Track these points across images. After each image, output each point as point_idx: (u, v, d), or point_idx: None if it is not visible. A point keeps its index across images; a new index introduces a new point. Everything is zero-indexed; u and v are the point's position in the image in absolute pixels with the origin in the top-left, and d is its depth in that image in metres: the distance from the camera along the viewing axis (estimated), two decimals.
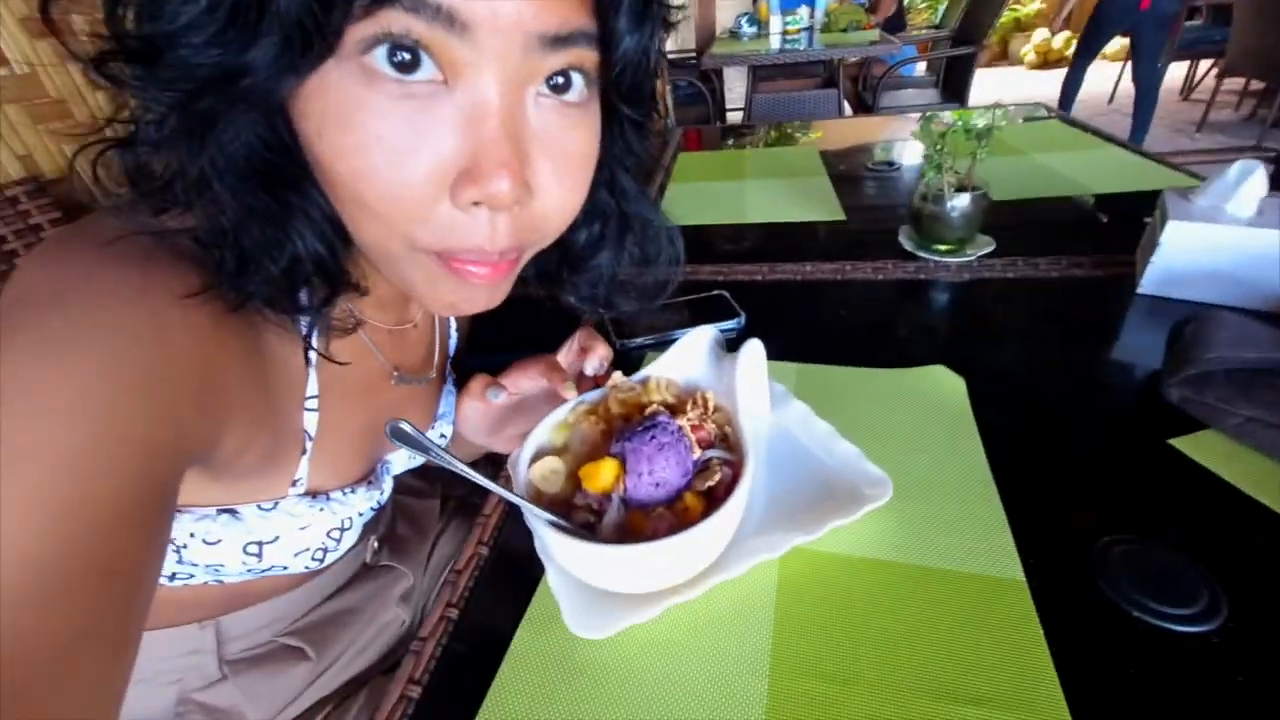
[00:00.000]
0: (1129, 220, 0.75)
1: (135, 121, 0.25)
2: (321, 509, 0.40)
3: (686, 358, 0.47)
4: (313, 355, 0.36)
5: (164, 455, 0.25)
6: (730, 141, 1.46)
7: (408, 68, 0.24)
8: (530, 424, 0.47)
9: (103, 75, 0.24)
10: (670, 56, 3.59)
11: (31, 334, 0.23)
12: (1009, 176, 0.96)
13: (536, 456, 0.40)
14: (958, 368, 0.55)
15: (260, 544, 0.38)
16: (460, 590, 0.41)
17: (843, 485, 0.42)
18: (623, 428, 0.40)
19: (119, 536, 0.23)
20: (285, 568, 0.41)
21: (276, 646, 0.45)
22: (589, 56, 0.28)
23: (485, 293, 0.32)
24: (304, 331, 0.33)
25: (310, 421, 0.38)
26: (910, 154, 1.20)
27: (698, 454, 0.38)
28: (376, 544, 0.53)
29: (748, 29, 3.29)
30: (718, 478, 0.36)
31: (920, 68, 3.45)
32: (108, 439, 0.23)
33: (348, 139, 0.25)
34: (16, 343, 0.23)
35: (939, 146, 0.73)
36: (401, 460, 0.50)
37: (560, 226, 0.32)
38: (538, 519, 0.35)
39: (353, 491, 0.43)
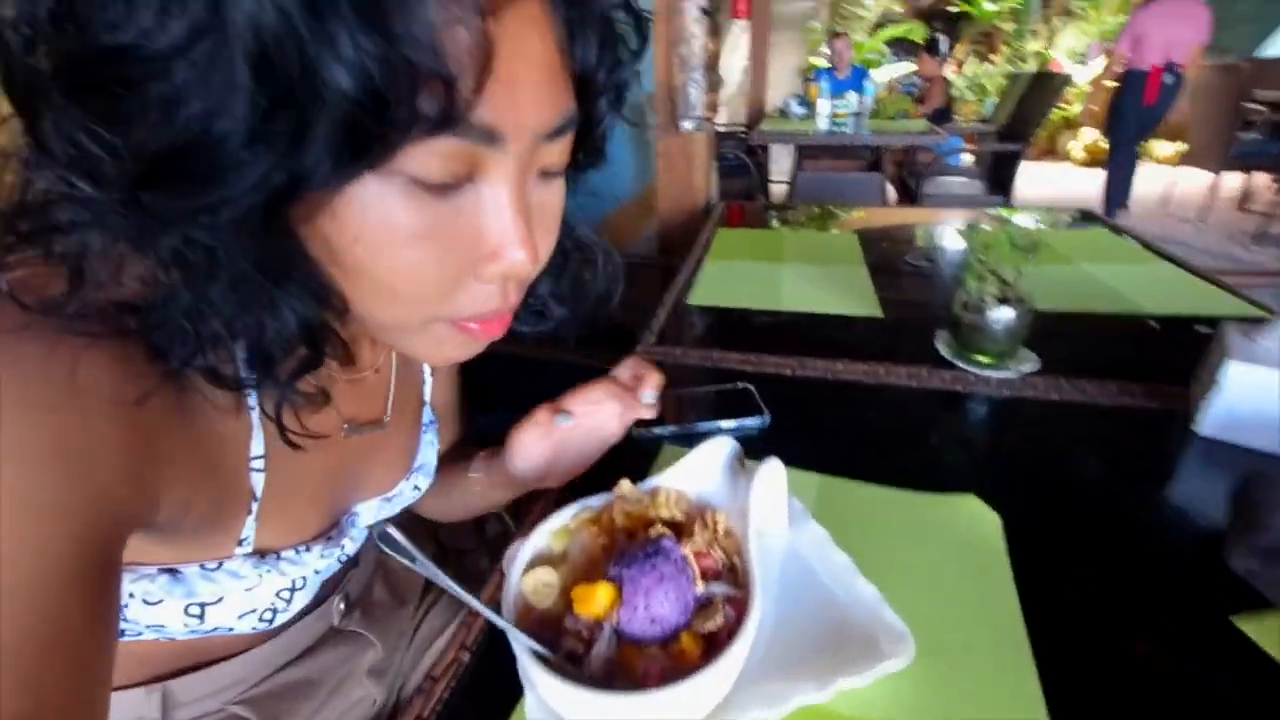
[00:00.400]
0: (1183, 347, 0.71)
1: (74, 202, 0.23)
2: (269, 570, 0.38)
3: (701, 469, 0.44)
4: (258, 409, 0.34)
5: (95, 524, 0.25)
6: (772, 214, 1.47)
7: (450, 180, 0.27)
8: (586, 453, 0.52)
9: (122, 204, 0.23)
10: (719, 129, 3.71)
11: None
12: (1055, 286, 0.93)
13: (532, 564, 0.38)
14: (993, 498, 0.51)
15: (203, 605, 0.36)
16: (433, 702, 0.38)
17: (858, 633, 0.38)
18: (624, 546, 0.37)
19: (59, 608, 0.23)
20: (231, 629, 0.38)
21: (226, 717, 0.42)
22: (571, 135, 0.31)
23: (484, 342, 0.35)
24: (270, 411, 0.32)
25: (257, 481, 0.36)
26: (952, 249, 1.19)
27: (700, 588, 0.35)
28: (343, 605, 0.50)
29: (797, 109, 3.40)
30: (719, 621, 0.33)
31: (966, 158, 3.49)
32: (29, 514, 0.23)
33: (390, 241, 0.27)
34: None
35: (981, 257, 0.71)
36: (371, 511, 0.47)
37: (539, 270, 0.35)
38: (520, 646, 0.32)
39: (307, 549, 0.40)
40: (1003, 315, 0.69)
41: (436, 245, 0.28)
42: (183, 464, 0.30)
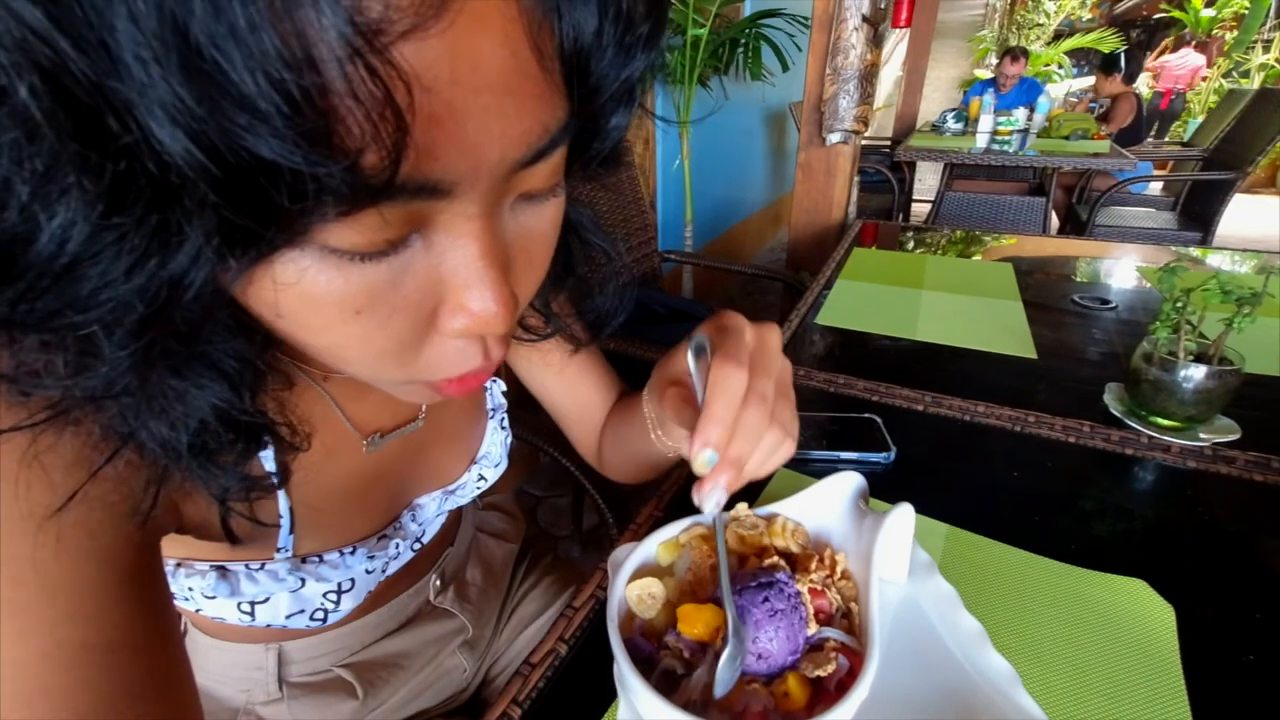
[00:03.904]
0: None
1: None
2: (309, 575, 0.37)
3: (823, 502, 0.42)
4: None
5: (108, 532, 0.25)
6: (910, 234, 1.38)
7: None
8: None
9: None
10: (863, 143, 3.53)
11: None
12: (1269, 345, 0.78)
13: (638, 573, 0.38)
14: (1165, 589, 0.44)
15: (252, 604, 0.36)
16: (529, 688, 0.39)
17: (984, 712, 0.34)
18: (733, 571, 0.36)
19: (112, 616, 0.24)
20: (284, 627, 0.38)
21: (332, 677, 0.47)
22: (564, 149, 0.23)
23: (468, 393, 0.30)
24: (217, 495, 0.28)
25: (281, 496, 0.35)
26: (1136, 291, 1.04)
27: (812, 629, 0.33)
28: (438, 582, 0.52)
29: (953, 125, 3.15)
30: (831, 668, 0.31)
31: (1155, 186, 3.04)
32: (29, 534, 0.23)
33: (319, 318, 0.21)
34: None
35: (1179, 304, 0.61)
36: (434, 504, 0.46)
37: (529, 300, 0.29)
38: (621, 654, 0.32)
39: (352, 552, 0.39)
40: (1196, 374, 0.59)
41: (379, 315, 0.22)
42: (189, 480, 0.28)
